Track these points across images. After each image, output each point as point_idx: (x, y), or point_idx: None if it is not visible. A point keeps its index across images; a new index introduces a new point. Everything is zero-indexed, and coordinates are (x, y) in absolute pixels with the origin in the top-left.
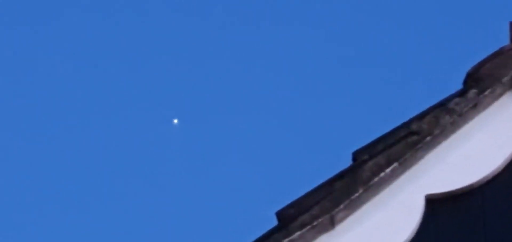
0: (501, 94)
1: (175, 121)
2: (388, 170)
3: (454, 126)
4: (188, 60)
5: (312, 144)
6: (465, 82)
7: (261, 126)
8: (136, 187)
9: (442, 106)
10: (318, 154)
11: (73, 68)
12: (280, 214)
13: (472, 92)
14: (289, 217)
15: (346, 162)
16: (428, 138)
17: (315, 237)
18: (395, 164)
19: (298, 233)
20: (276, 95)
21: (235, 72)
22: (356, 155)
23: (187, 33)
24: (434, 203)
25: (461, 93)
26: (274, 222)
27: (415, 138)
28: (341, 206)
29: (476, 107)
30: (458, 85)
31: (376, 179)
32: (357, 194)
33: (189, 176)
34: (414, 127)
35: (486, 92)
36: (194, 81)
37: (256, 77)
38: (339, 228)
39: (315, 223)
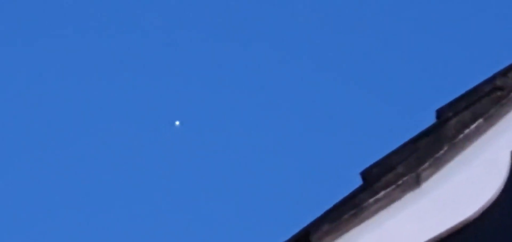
0: None
1: (177, 123)
2: (473, 127)
3: None
4: (190, 61)
5: (396, 103)
6: None
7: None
8: (139, 189)
9: None
10: (401, 112)
11: (75, 68)
12: (364, 174)
13: None
14: (374, 177)
15: (430, 119)
16: None
17: (400, 196)
18: (480, 120)
19: (383, 192)
20: (353, 54)
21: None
22: (440, 112)
23: (189, 34)
24: None
25: None
26: (358, 182)
27: (500, 93)
28: (426, 164)
29: None
30: None
31: (461, 136)
32: (442, 152)
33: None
34: (498, 82)
35: None
36: (197, 82)
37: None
38: (425, 186)
39: (400, 182)
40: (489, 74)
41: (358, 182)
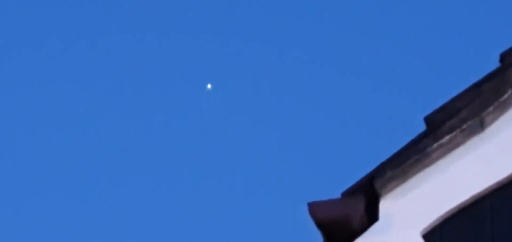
0: None
1: (209, 86)
2: None
3: None
4: (222, 24)
5: (459, 47)
6: None
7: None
8: (173, 154)
9: None
10: (465, 56)
11: (108, 32)
12: (428, 119)
13: None
14: (437, 122)
15: (493, 63)
16: None
17: (464, 141)
18: None
19: (447, 137)
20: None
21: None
22: (504, 56)
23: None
24: None
25: None
26: (422, 128)
27: None
28: (490, 108)
29: None
30: None
31: None
32: (506, 96)
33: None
34: None
35: None
36: (228, 45)
37: None
38: (489, 130)
39: (464, 127)
40: None
41: (421, 127)
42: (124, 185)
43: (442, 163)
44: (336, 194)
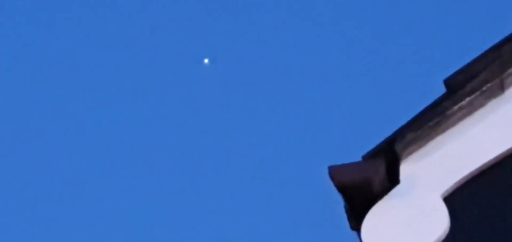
0: None
1: (206, 60)
2: None
3: None
4: None
5: (478, 8)
6: None
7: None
8: (169, 130)
9: None
10: (484, 18)
11: (99, 8)
12: (448, 81)
13: None
14: (457, 84)
15: None
16: None
17: (484, 103)
18: None
19: (467, 99)
20: None
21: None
22: None
23: None
24: None
25: None
26: (442, 90)
27: None
28: (510, 70)
29: None
30: None
31: None
32: None
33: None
34: None
35: None
36: (225, 19)
37: None
38: (509, 92)
39: (484, 88)
40: None
41: (441, 89)
42: (124, 161)
43: (462, 125)
44: (356, 158)
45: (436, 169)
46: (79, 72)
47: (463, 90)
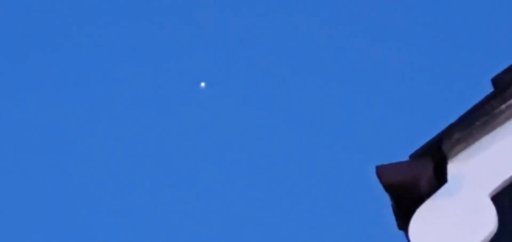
0: None
1: (202, 84)
2: None
3: None
4: (215, 20)
5: None
6: None
7: None
8: (165, 149)
9: None
10: None
11: (99, 28)
12: (496, 80)
13: None
14: (505, 83)
15: None
16: None
17: None
18: None
19: None
20: None
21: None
22: None
23: None
24: None
25: None
26: (490, 89)
27: None
28: None
29: None
30: None
31: None
32: None
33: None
34: None
35: None
36: (222, 42)
37: None
38: None
39: None
40: None
41: (489, 88)
42: (119, 184)
43: (510, 124)
44: (404, 157)
45: (483, 168)
46: (75, 95)
47: (511, 89)
